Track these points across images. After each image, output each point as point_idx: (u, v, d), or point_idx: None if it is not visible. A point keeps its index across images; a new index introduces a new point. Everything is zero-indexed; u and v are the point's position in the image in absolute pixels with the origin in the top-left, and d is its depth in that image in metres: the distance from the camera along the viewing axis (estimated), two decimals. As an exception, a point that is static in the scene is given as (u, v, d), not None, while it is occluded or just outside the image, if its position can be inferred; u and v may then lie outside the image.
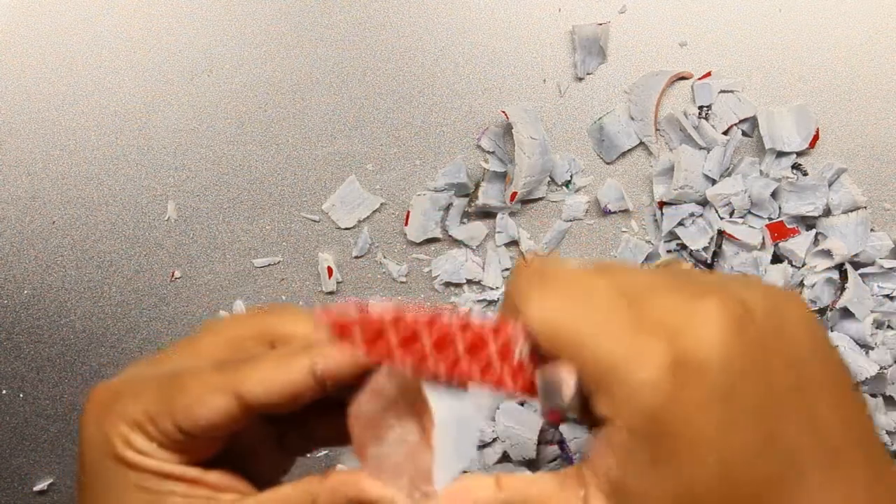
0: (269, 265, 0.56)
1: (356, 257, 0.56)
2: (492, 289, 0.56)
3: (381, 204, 0.56)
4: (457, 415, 0.31)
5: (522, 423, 0.54)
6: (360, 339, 0.30)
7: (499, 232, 0.55)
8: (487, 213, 0.56)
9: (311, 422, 0.36)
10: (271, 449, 0.36)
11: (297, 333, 0.35)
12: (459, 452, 0.31)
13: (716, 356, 0.29)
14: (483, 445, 0.55)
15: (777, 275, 0.53)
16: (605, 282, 0.31)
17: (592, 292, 0.30)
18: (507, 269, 0.56)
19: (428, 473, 0.30)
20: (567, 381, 0.31)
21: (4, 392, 0.57)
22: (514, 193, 0.53)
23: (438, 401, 0.31)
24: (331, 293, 0.56)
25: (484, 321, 0.31)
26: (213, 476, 0.33)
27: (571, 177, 0.55)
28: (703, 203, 0.54)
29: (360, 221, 0.56)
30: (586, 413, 0.31)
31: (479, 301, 0.56)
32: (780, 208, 0.53)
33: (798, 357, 0.31)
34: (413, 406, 0.31)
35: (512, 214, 0.55)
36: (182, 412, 0.32)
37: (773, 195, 0.53)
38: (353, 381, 0.32)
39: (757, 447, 0.29)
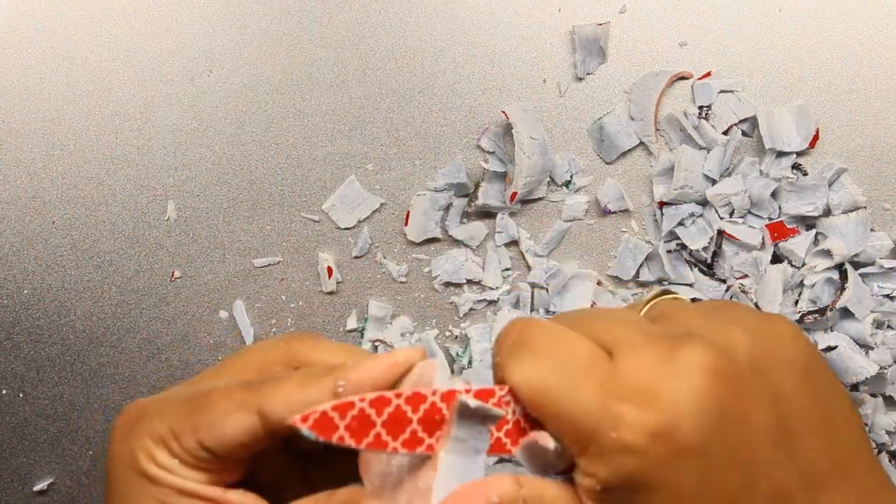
0: (269, 265, 0.56)
1: (356, 257, 0.56)
2: (492, 289, 0.56)
3: (381, 204, 0.56)
4: (468, 437, 0.31)
5: (522, 423, 0.54)
6: (346, 434, 0.29)
7: (499, 232, 0.55)
8: (487, 213, 0.56)
9: (334, 457, 0.36)
10: (298, 486, 0.36)
11: (322, 360, 0.35)
12: (464, 475, 0.31)
13: (690, 415, 0.30)
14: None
15: (777, 275, 0.53)
16: (584, 342, 0.32)
17: (571, 355, 0.31)
18: (507, 269, 0.56)
19: (427, 492, 0.30)
20: (549, 451, 0.31)
21: (4, 392, 0.57)
22: (514, 193, 0.53)
23: (453, 421, 0.31)
24: (331, 293, 0.56)
25: (469, 389, 0.31)
26: (234, 495, 0.34)
27: (571, 177, 0.55)
28: (703, 203, 0.54)
29: (360, 221, 0.56)
30: None
31: (479, 301, 0.56)
32: (780, 208, 0.53)
33: (781, 392, 0.32)
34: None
35: (512, 214, 0.55)
36: (205, 428, 0.32)
37: (773, 195, 0.53)
38: None
39: (740, 491, 0.30)
